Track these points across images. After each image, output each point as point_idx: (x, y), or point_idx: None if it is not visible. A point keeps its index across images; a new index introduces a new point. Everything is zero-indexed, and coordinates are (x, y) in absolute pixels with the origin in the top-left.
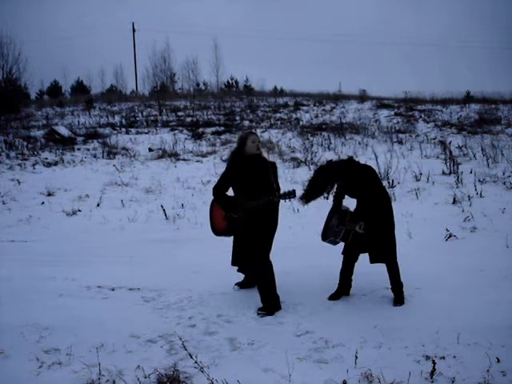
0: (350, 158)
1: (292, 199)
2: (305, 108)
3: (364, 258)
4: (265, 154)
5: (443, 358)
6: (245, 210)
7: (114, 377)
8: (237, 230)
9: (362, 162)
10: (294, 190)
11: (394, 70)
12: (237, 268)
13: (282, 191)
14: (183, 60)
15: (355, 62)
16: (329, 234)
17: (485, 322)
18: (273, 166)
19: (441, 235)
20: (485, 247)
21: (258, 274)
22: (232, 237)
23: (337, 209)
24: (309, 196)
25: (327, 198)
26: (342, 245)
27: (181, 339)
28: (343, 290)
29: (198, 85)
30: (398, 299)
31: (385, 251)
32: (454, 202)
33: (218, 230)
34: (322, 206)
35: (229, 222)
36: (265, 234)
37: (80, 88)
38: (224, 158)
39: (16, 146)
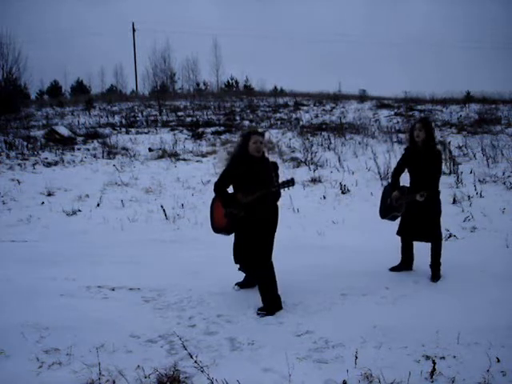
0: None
1: (291, 187)
2: (305, 108)
3: (363, 257)
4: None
5: (443, 358)
6: (244, 206)
7: (114, 377)
8: (237, 229)
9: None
10: (292, 179)
11: (394, 70)
12: (238, 266)
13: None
14: (183, 60)
15: (355, 62)
16: (388, 210)
17: (485, 321)
18: (274, 165)
19: None
20: (485, 247)
21: (260, 276)
22: (232, 235)
23: (396, 185)
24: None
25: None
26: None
27: (180, 339)
28: (405, 264)
29: (198, 85)
30: (434, 275)
31: (432, 229)
32: (454, 201)
33: (217, 228)
34: (322, 206)
35: (229, 219)
36: (265, 237)
37: (80, 88)
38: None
39: (16, 145)
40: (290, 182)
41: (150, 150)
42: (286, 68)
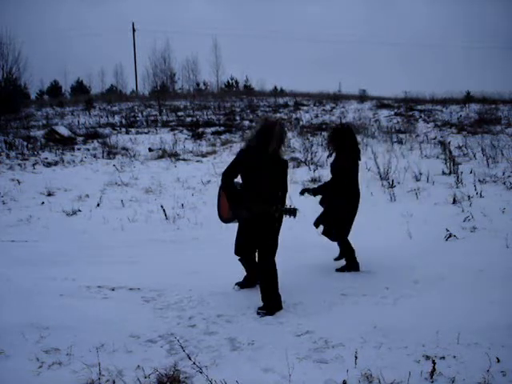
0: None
1: (292, 217)
2: (305, 108)
3: (363, 257)
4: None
5: (443, 358)
6: (247, 207)
7: (114, 377)
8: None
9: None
10: (295, 210)
11: (394, 70)
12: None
13: (285, 206)
14: (183, 60)
15: (355, 62)
16: None
17: (485, 321)
18: (284, 164)
19: (441, 235)
20: (485, 247)
21: (264, 271)
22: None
23: None
24: None
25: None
26: None
27: (178, 340)
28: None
29: (198, 85)
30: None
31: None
32: (454, 202)
33: (224, 218)
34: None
35: (233, 214)
36: (271, 233)
37: (80, 88)
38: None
39: (16, 146)
40: (293, 213)
41: (150, 150)
42: (286, 68)
